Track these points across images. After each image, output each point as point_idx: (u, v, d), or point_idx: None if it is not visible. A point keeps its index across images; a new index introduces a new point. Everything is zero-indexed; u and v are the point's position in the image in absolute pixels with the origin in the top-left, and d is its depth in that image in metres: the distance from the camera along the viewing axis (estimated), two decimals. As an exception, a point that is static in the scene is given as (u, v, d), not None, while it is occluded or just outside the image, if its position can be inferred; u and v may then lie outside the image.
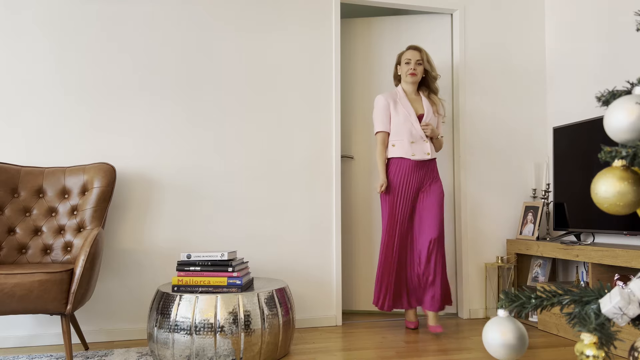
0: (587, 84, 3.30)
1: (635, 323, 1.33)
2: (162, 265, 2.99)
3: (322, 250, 3.24)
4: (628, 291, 1.30)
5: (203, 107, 3.10)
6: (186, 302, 2.32)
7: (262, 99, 3.20)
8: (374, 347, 2.71)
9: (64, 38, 2.91)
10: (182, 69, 3.08)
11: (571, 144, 3.15)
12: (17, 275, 2.17)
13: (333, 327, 3.18)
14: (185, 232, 3.03)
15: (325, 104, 3.30)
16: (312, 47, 3.29)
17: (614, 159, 1.40)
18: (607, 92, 1.55)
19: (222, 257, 2.43)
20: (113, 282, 2.91)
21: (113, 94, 2.97)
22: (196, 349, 2.27)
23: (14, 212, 2.64)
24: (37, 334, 2.77)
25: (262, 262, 3.14)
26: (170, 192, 3.02)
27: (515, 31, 3.65)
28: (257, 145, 3.18)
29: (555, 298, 1.50)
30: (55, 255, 2.63)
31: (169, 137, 3.04)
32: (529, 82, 3.65)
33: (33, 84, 2.86)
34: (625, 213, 1.37)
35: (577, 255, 2.86)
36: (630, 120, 1.33)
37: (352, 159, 3.55)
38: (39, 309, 2.21)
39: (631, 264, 2.48)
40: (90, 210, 2.65)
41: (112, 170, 2.73)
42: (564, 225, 3.19)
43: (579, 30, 3.37)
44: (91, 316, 2.87)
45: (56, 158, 2.88)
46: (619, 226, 2.78)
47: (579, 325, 1.35)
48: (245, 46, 3.18)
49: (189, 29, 3.10)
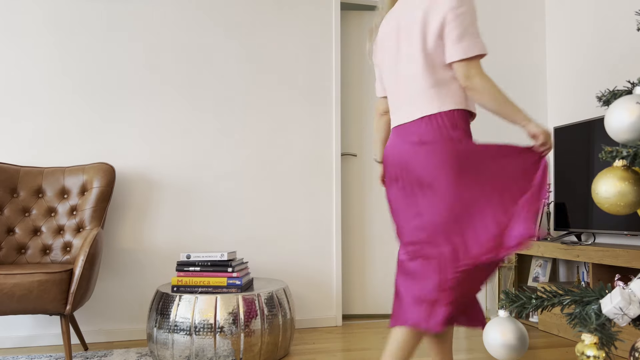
0: (587, 84, 3.30)
1: (636, 323, 1.33)
2: (162, 266, 2.98)
3: (323, 250, 3.24)
4: (629, 291, 1.30)
5: (203, 106, 3.10)
6: (186, 303, 2.32)
7: (261, 97, 3.19)
8: (374, 347, 2.70)
9: (64, 38, 2.91)
10: (182, 68, 3.08)
11: (572, 144, 3.15)
12: (16, 275, 2.17)
13: (333, 328, 3.17)
14: (185, 232, 3.03)
15: (325, 100, 3.30)
16: (312, 42, 3.29)
17: (615, 159, 1.40)
18: (608, 92, 1.54)
19: (221, 258, 2.43)
20: (112, 282, 2.90)
21: (113, 94, 2.97)
22: (196, 350, 2.27)
23: (13, 212, 2.64)
24: (37, 334, 2.77)
25: (262, 262, 3.14)
26: (170, 192, 3.02)
27: (516, 31, 3.64)
28: (256, 145, 3.17)
29: (556, 298, 1.49)
30: (54, 255, 2.63)
31: (168, 137, 3.04)
32: (529, 82, 3.65)
33: (33, 84, 2.86)
34: (626, 213, 1.36)
35: (578, 256, 2.86)
36: (630, 120, 1.33)
37: (354, 157, 3.55)
38: (39, 309, 2.21)
39: (632, 265, 2.48)
40: (89, 210, 2.65)
41: (111, 170, 2.72)
42: (565, 225, 3.18)
43: (579, 30, 3.37)
44: (91, 316, 2.87)
45: (55, 158, 2.87)
46: (619, 226, 2.78)
47: (579, 325, 1.34)
48: (244, 43, 3.18)
49: (188, 27, 3.10)
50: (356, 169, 3.54)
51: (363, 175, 3.54)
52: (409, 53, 1.64)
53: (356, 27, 3.60)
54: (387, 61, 1.71)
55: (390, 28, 1.71)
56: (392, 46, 1.70)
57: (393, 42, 1.69)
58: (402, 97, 1.66)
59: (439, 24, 1.57)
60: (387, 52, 1.71)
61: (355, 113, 3.56)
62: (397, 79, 1.68)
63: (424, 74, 1.60)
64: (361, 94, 3.57)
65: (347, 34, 3.58)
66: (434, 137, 1.57)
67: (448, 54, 1.58)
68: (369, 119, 3.56)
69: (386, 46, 1.72)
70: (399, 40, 1.67)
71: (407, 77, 1.64)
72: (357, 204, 3.52)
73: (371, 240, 3.52)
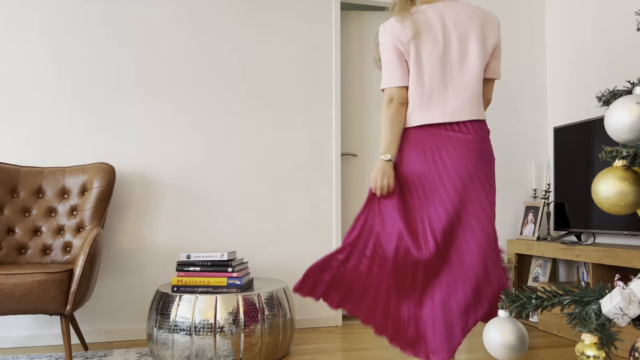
0: (587, 84, 3.30)
1: (636, 323, 1.33)
2: (162, 266, 2.98)
3: (323, 250, 3.24)
4: (629, 291, 1.30)
5: (202, 106, 3.10)
6: (186, 303, 2.32)
7: (261, 97, 3.19)
8: (374, 347, 2.71)
9: (64, 38, 2.91)
10: (181, 68, 3.08)
11: (572, 144, 3.15)
12: (16, 275, 2.17)
13: (333, 328, 3.17)
14: (185, 232, 3.03)
15: (325, 100, 3.30)
16: (312, 41, 3.29)
17: (615, 159, 1.40)
18: (608, 92, 1.54)
19: (221, 258, 2.43)
20: (113, 282, 2.91)
21: (113, 94, 2.97)
22: (196, 350, 2.27)
23: (14, 212, 2.64)
24: (37, 334, 2.77)
25: (262, 262, 3.14)
26: (170, 192, 3.02)
27: (516, 31, 3.65)
28: (256, 144, 3.17)
29: (556, 298, 1.49)
30: (54, 255, 2.63)
31: (168, 137, 3.04)
32: (529, 82, 3.65)
33: (33, 84, 2.86)
34: (626, 213, 1.36)
35: (578, 256, 2.86)
36: (630, 120, 1.33)
37: (354, 157, 3.55)
38: (39, 309, 2.21)
39: (632, 264, 2.48)
40: (89, 210, 2.65)
41: (111, 170, 2.72)
42: (565, 225, 3.18)
43: (579, 30, 3.37)
44: (91, 316, 2.87)
45: (55, 158, 2.87)
46: (619, 226, 2.78)
47: (579, 325, 1.34)
48: (244, 43, 3.18)
49: (187, 27, 3.10)
50: (356, 169, 3.54)
51: (363, 175, 3.54)
52: (464, 56, 1.75)
53: (356, 27, 3.60)
54: (432, 52, 1.74)
55: (433, 21, 1.75)
56: (439, 39, 1.74)
57: (440, 36, 1.74)
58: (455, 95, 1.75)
59: (494, 44, 1.78)
60: (432, 43, 1.75)
61: (355, 113, 3.56)
62: (445, 75, 1.75)
63: (478, 81, 1.76)
64: (361, 94, 3.57)
65: (347, 34, 3.58)
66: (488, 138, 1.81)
67: (494, 71, 1.82)
68: (369, 119, 3.56)
69: (431, 37, 1.75)
70: (449, 38, 1.75)
71: (463, 78, 1.75)
72: (357, 204, 3.52)
73: (371, 240, 3.51)
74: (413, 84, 1.75)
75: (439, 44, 1.74)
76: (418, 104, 1.75)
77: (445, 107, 1.74)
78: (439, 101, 1.74)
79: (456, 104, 1.73)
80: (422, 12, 1.76)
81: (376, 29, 3.59)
